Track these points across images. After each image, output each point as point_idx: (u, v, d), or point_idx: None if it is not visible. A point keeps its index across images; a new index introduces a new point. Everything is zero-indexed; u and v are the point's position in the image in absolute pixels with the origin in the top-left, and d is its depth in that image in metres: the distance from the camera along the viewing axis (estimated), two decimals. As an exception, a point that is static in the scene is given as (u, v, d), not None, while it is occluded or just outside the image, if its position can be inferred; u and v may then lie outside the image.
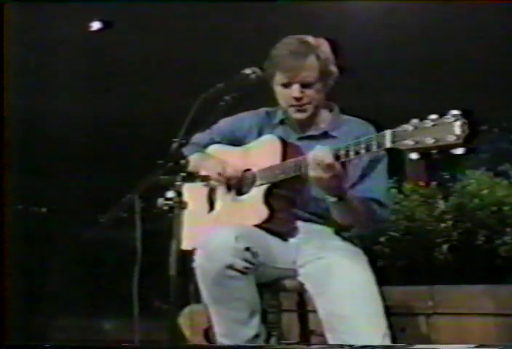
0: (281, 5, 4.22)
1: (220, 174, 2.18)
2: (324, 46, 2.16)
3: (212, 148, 2.37)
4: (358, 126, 2.21)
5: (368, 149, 1.81)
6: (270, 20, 4.23)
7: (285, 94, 2.16)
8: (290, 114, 2.21)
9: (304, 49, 2.12)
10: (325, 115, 2.26)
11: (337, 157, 1.87)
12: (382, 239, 4.13)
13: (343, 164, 1.89)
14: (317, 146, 1.94)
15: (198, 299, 2.07)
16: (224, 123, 2.34)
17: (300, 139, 2.24)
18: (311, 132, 2.24)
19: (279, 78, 2.15)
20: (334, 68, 2.18)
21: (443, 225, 4.14)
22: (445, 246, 4.04)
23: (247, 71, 2.07)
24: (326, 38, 2.20)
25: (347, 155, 1.86)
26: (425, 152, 1.69)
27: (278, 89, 2.18)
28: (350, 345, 1.86)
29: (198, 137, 2.25)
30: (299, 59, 2.10)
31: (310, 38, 2.16)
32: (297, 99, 2.14)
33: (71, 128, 5.93)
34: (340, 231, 2.16)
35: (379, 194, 2.13)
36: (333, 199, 1.97)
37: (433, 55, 4.92)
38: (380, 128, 1.90)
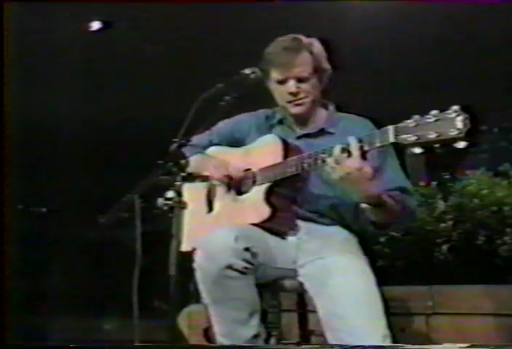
0: (280, 5, 4.23)
1: (225, 175, 2.19)
2: (316, 44, 2.20)
3: (212, 150, 2.38)
4: (355, 122, 2.22)
5: (371, 145, 1.81)
6: (270, 20, 4.23)
7: (281, 91, 2.18)
8: (288, 110, 2.22)
9: (297, 45, 2.16)
10: (321, 113, 2.28)
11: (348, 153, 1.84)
12: (382, 239, 4.11)
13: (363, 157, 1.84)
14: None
15: (197, 299, 2.07)
16: (223, 125, 2.36)
17: (298, 138, 2.25)
18: (308, 130, 2.25)
19: (274, 75, 2.17)
20: (327, 65, 2.21)
21: (443, 225, 4.11)
22: (445, 246, 4.02)
23: (247, 71, 2.08)
24: (319, 38, 2.23)
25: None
26: (427, 146, 1.70)
27: (275, 87, 2.20)
28: (340, 345, 1.86)
29: (197, 139, 2.24)
30: (292, 55, 2.14)
31: (303, 37, 2.20)
32: (294, 94, 2.16)
33: (71, 128, 5.93)
34: (377, 229, 2.10)
35: (403, 182, 2.13)
36: (368, 206, 1.96)
37: (432, 55, 4.92)
38: (379, 126, 1.90)
